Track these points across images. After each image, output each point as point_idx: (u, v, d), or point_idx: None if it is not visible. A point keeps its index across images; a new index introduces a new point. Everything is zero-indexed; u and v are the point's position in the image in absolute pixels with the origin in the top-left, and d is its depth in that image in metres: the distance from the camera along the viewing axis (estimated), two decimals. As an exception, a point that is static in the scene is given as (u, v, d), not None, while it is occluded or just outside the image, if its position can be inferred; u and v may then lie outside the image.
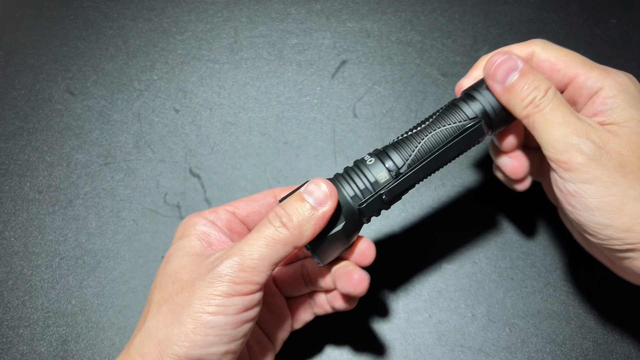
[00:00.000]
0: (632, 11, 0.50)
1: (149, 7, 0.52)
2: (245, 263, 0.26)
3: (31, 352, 0.39)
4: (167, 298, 0.27)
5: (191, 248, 0.29)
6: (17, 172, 0.45)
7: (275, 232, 0.27)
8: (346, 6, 0.51)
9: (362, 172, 0.30)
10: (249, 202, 0.33)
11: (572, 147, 0.26)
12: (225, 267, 0.26)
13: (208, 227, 0.30)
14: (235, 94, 0.48)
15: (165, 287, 0.28)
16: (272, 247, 0.27)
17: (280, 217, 0.27)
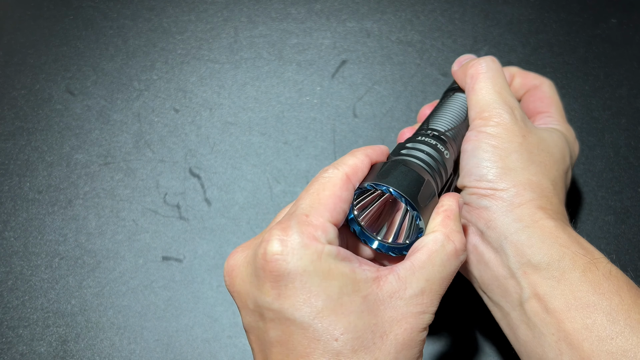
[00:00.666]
0: (632, 11, 0.50)
1: (149, 7, 0.52)
2: (438, 304, 0.26)
3: (31, 352, 0.39)
4: (383, 357, 0.23)
5: (359, 297, 0.24)
6: (16, 172, 0.45)
7: (460, 265, 0.27)
8: (346, 6, 0.51)
9: (444, 168, 0.31)
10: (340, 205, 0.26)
11: (496, 109, 0.31)
12: (432, 316, 0.26)
13: (342, 255, 0.25)
14: (235, 94, 0.48)
15: (374, 346, 0.23)
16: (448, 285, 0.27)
17: (465, 255, 0.27)
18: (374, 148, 0.29)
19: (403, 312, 0.24)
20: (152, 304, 0.40)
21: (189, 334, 0.39)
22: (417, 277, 0.25)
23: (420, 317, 0.25)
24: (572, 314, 0.26)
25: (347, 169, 0.27)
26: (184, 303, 0.40)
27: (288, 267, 0.23)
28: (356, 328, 0.23)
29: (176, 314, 0.40)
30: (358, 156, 0.27)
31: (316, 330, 0.23)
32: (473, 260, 0.31)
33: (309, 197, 0.25)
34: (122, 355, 0.39)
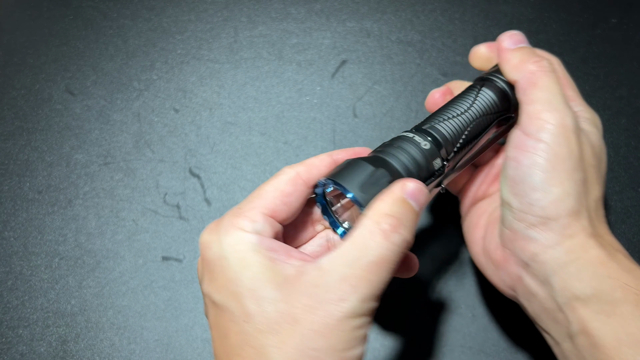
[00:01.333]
0: (632, 11, 0.50)
1: (149, 6, 0.52)
2: (374, 292, 0.24)
3: (31, 352, 0.39)
4: (289, 342, 0.23)
5: (274, 277, 0.25)
6: (16, 172, 0.45)
7: (399, 253, 0.25)
8: (346, 6, 0.51)
9: (419, 156, 0.28)
10: (282, 199, 0.28)
11: (556, 111, 0.27)
12: (357, 303, 0.23)
13: (264, 243, 0.26)
14: (235, 94, 0.48)
15: (281, 329, 0.23)
16: (393, 270, 0.25)
17: (402, 234, 0.25)
18: (345, 150, 0.30)
19: (320, 299, 0.23)
20: (152, 304, 0.40)
21: (189, 334, 0.39)
22: (338, 264, 0.24)
23: (340, 304, 0.23)
24: (624, 350, 0.25)
25: (300, 168, 0.28)
26: (184, 303, 0.40)
27: (212, 253, 0.25)
28: (265, 313, 0.23)
29: (176, 314, 0.40)
30: (319, 156, 0.29)
31: (231, 313, 0.24)
32: (519, 291, 0.29)
33: (254, 192, 0.28)
34: (122, 355, 0.39)
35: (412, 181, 0.26)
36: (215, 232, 0.26)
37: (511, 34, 0.31)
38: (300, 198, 0.28)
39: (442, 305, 0.39)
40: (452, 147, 0.29)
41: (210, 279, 0.26)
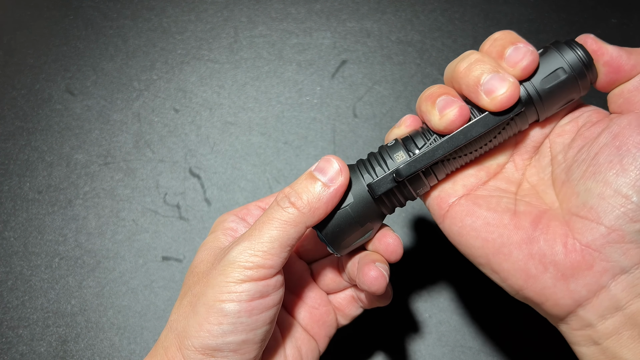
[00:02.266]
0: (632, 11, 0.50)
1: (149, 6, 0.52)
2: (256, 247, 0.26)
3: (31, 352, 0.39)
4: (186, 291, 0.28)
5: (214, 242, 0.29)
6: (16, 172, 0.45)
7: (284, 212, 0.26)
8: (346, 6, 0.51)
9: (380, 154, 0.28)
10: None
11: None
12: (236, 253, 0.26)
13: (236, 222, 0.31)
14: (235, 94, 0.48)
15: (187, 281, 0.28)
16: (282, 229, 0.26)
17: (289, 196, 0.27)
18: None
19: (216, 256, 0.28)
20: (152, 304, 0.40)
21: (189, 334, 0.39)
22: (246, 232, 0.28)
23: (222, 256, 0.27)
24: None
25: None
26: (184, 303, 0.40)
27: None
28: (191, 269, 0.29)
29: (176, 314, 0.40)
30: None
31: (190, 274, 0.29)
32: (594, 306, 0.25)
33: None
34: (122, 355, 0.39)
35: (327, 157, 0.28)
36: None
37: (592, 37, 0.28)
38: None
39: (442, 305, 0.39)
40: (426, 141, 0.27)
41: None
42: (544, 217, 0.26)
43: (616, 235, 0.24)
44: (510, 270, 0.26)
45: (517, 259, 0.26)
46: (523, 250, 0.26)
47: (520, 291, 0.26)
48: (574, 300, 0.25)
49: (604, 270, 0.24)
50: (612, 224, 0.24)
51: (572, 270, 0.24)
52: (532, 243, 0.26)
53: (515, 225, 0.26)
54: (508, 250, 0.26)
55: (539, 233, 0.26)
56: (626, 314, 0.24)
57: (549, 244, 0.25)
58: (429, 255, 0.41)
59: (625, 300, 0.24)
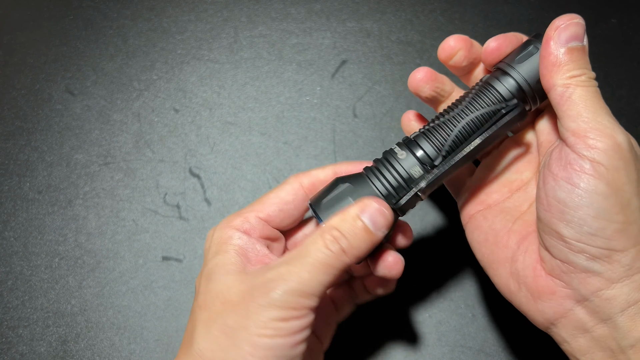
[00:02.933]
0: (632, 11, 0.50)
1: (149, 7, 0.51)
2: (303, 289, 0.25)
3: (31, 352, 0.39)
4: (216, 319, 0.26)
5: (232, 265, 0.28)
6: (16, 172, 0.45)
7: (335, 259, 0.26)
8: (346, 6, 0.51)
9: (394, 168, 0.28)
10: (280, 206, 0.31)
11: (608, 129, 0.24)
12: (282, 294, 0.25)
13: (244, 240, 0.29)
14: (235, 94, 0.48)
15: (212, 307, 0.27)
16: (330, 274, 0.26)
17: (340, 242, 0.26)
18: (351, 164, 0.32)
19: (252, 286, 0.26)
20: (152, 304, 0.40)
21: (189, 334, 0.39)
22: (279, 261, 0.27)
23: (266, 292, 0.26)
24: None
25: (305, 180, 0.31)
26: (184, 303, 0.40)
27: (205, 244, 0.30)
28: (207, 292, 0.27)
29: (176, 314, 0.40)
30: (325, 169, 0.32)
31: (196, 292, 0.29)
32: (564, 326, 0.26)
33: (259, 198, 0.31)
34: (122, 355, 0.39)
35: (373, 201, 0.27)
36: (214, 228, 0.30)
37: (568, 24, 0.27)
38: (300, 207, 0.32)
39: (442, 305, 0.39)
40: (439, 152, 0.28)
41: (205, 263, 0.30)
42: (529, 238, 0.28)
43: (568, 266, 0.25)
44: (499, 284, 0.29)
45: (502, 275, 0.29)
46: (506, 267, 0.28)
47: (510, 300, 0.29)
48: (544, 319, 0.27)
49: (566, 296, 0.25)
50: (560, 257, 0.25)
51: (539, 293, 0.26)
52: (513, 262, 0.28)
53: (504, 244, 0.29)
54: (496, 265, 0.29)
55: (519, 253, 0.28)
56: (594, 337, 0.25)
57: (524, 265, 0.27)
58: (429, 255, 0.41)
59: (590, 324, 0.25)
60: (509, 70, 0.29)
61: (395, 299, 0.39)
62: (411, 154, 0.29)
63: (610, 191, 0.23)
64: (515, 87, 0.29)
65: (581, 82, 0.26)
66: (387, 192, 0.28)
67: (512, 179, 0.31)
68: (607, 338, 0.25)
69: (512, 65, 0.29)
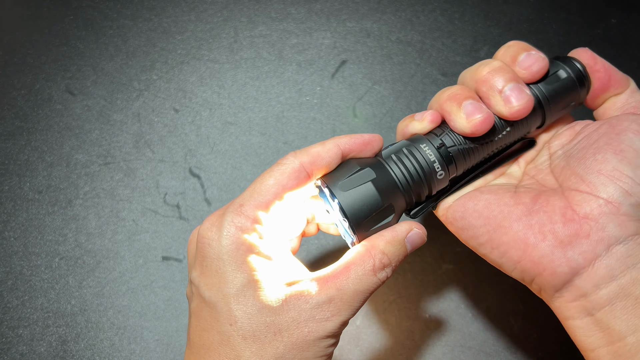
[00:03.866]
0: (632, 11, 0.50)
1: (149, 6, 0.51)
2: (352, 318, 0.26)
3: (31, 352, 0.39)
4: (271, 352, 0.25)
5: (267, 288, 0.26)
6: (16, 172, 0.45)
7: (379, 286, 0.27)
8: (346, 6, 0.51)
9: (427, 181, 0.28)
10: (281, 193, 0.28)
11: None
12: (338, 325, 0.25)
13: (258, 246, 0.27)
14: (235, 94, 0.48)
15: (264, 338, 0.25)
16: (369, 296, 0.27)
17: (386, 271, 0.27)
18: (353, 137, 0.29)
19: (305, 315, 0.25)
20: (152, 304, 0.40)
21: (189, 334, 0.39)
22: (329, 285, 0.25)
23: (322, 323, 0.25)
24: None
25: (305, 158, 0.28)
26: (184, 303, 0.40)
27: (210, 251, 0.26)
28: (251, 319, 0.24)
29: (176, 314, 0.40)
30: (326, 145, 0.28)
31: (218, 312, 0.25)
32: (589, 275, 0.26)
33: (254, 185, 0.27)
34: (122, 355, 0.39)
35: (419, 227, 0.28)
36: (216, 229, 0.26)
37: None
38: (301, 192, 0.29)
39: (442, 305, 0.39)
40: (463, 168, 0.30)
41: (202, 273, 0.26)
42: (544, 194, 0.28)
43: (612, 207, 0.25)
44: (510, 242, 0.28)
45: (517, 230, 0.27)
46: (522, 222, 0.27)
47: (519, 263, 0.28)
48: (570, 268, 0.26)
49: (600, 239, 0.25)
50: (608, 196, 0.25)
51: (570, 238, 0.26)
52: (531, 215, 0.27)
53: (515, 201, 0.28)
54: (508, 223, 0.28)
55: (538, 206, 0.27)
56: (619, 284, 0.25)
57: (548, 215, 0.27)
58: (429, 255, 0.41)
59: (619, 270, 0.25)
60: (536, 91, 0.30)
61: (395, 299, 0.39)
62: (446, 172, 0.29)
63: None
64: (539, 107, 0.30)
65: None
66: (410, 199, 0.29)
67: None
68: (633, 284, 0.25)
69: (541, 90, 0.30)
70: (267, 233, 0.27)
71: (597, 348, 0.26)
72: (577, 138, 0.29)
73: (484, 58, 0.48)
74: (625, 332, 0.25)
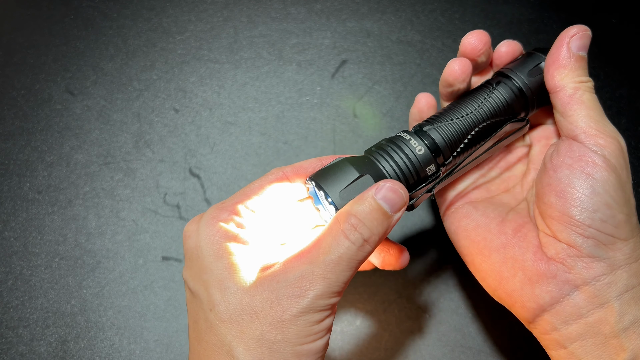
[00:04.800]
0: (632, 11, 0.50)
1: (149, 7, 0.51)
2: (331, 290, 0.25)
3: (31, 352, 0.39)
4: (250, 333, 0.25)
5: (244, 271, 0.26)
6: (16, 172, 0.45)
7: (357, 251, 0.25)
8: (346, 6, 0.51)
9: (410, 160, 0.28)
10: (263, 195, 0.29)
11: (613, 132, 0.27)
12: (311, 300, 0.24)
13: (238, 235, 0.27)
14: (235, 94, 0.48)
15: (241, 320, 0.25)
16: (353, 267, 0.25)
17: (359, 230, 0.25)
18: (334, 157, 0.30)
19: (278, 294, 0.24)
20: (152, 304, 0.40)
21: (189, 334, 0.39)
22: (301, 261, 0.25)
23: (295, 300, 0.24)
24: None
25: (288, 169, 0.29)
26: (184, 303, 0.40)
27: (190, 242, 0.27)
28: (228, 303, 0.25)
29: (176, 314, 0.40)
30: (310, 160, 0.30)
31: (200, 300, 0.26)
32: (558, 312, 0.27)
33: (241, 189, 0.29)
34: (122, 355, 0.39)
35: (388, 181, 0.26)
36: (196, 223, 0.27)
37: (581, 35, 0.30)
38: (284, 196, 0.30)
39: (442, 305, 0.39)
40: (451, 152, 0.29)
41: (187, 266, 0.27)
42: (525, 228, 0.29)
43: (574, 250, 0.26)
44: (488, 271, 0.29)
45: (494, 261, 0.29)
46: (500, 253, 0.29)
47: (495, 292, 0.29)
48: (538, 304, 0.27)
49: (567, 280, 0.26)
50: (568, 241, 0.26)
51: (538, 277, 0.27)
52: (508, 248, 0.28)
53: (499, 231, 0.29)
54: (488, 252, 0.29)
55: (516, 240, 0.28)
56: (588, 322, 0.26)
57: (522, 250, 0.28)
58: (429, 255, 0.41)
59: (586, 310, 0.26)
60: (516, 79, 0.30)
61: (396, 299, 0.39)
62: (427, 149, 0.28)
63: (619, 185, 0.26)
64: (521, 95, 0.30)
65: (588, 88, 0.28)
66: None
67: (505, 176, 0.34)
68: (601, 323, 0.26)
69: (519, 74, 0.30)
70: (247, 223, 0.28)
71: None
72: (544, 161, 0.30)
73: (484, 58, 0.48)
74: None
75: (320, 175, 0.28)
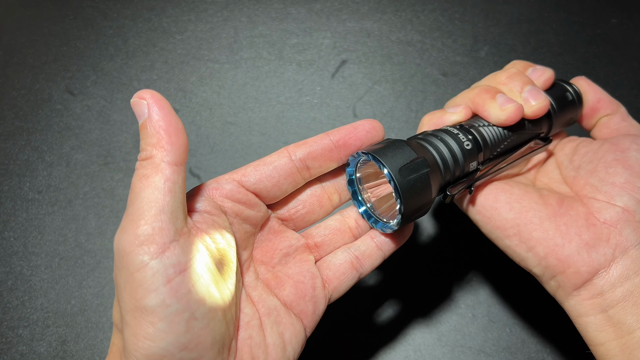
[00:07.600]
0: (632, 11, 0.50)
1: (149, 6, 0.51)
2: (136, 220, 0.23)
3: (31, 352, 0.39)
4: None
5: None
6: (16, 172, 0.45)
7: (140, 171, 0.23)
8: (346, 6, 0.51)
9: (459, 154, 0.29)
10: (258, 166, 0.28)
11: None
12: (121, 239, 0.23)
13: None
14: (235, 94, 0.48)
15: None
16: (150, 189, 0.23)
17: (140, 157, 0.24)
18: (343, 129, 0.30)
19: None
20: (152, 304, 0.40)
21: (189, 334, 0.39)
22: None
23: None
24: None
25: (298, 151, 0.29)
26: (184, 303, 0.40)
27: None
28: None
29: (176, 314, 0.39)
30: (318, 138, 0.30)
31: None
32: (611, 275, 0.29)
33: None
34: (122, 355, 0.39)
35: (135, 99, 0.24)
36: None
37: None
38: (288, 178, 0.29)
39: (442, 305, 0.39)
40: (490, 154, 0.31)
41: None
42: (566, 200, 0.31)
43: (628, 214, 0.29)
44: (540, 239, 0.30)
45: (547, 229, 0.30)
46: (552, 222, 0.30)
47: (544, 259, 0.30)
48: (592, 268, 0.29)
49: (618, 243, 0.29)
50: (624, 205, 0.29)
51: (594, 241, 0.29)
52: (558, 217, 0.30)
53: (544, 202, 0.31)
54: (539, 220, 0.30)
55: (564, 210, 0.30)
56: (633, 283, 0.28)
57: (574, 218, 0.30)
58: (430, 255, 0.41)
59: (633, 271, 0.28)
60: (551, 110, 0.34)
61: (395, 299, 0.39)
62: (475, 147, 0.30)
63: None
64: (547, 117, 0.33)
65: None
66: (445, 183, 0.30)
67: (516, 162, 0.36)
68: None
69: (554, 107, 0.34)
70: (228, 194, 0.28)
71: (607, 342, 0.28)
72: (580, 151, 0.33)
73: (484, 58, 0.48)
74: (635, 326, 0.27)
75: (377, 150, 0.28)
